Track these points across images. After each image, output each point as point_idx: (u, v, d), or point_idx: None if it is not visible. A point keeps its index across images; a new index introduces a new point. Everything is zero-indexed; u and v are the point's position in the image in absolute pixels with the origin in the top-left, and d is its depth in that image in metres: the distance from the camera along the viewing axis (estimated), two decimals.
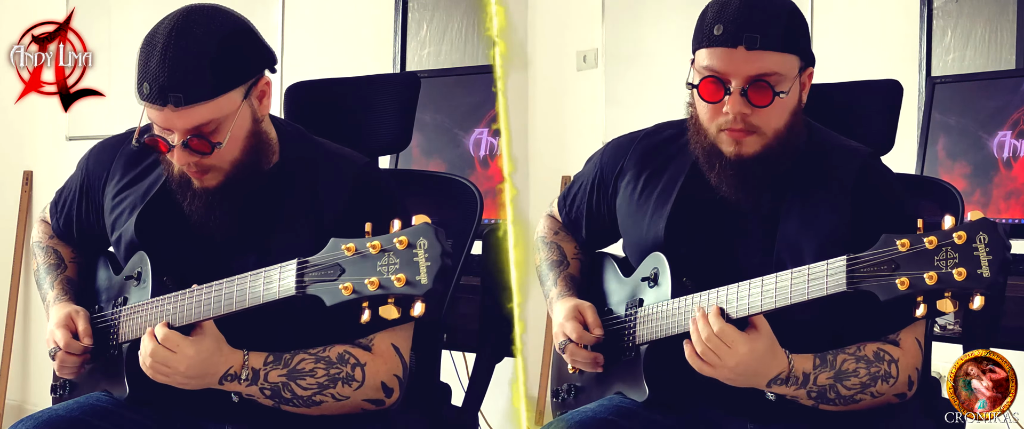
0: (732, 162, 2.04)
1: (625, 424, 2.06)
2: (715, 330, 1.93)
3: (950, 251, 1.73)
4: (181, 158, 1.99)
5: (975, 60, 3.37)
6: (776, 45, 1.99)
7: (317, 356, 2.00)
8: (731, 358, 1.93)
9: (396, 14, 4.18)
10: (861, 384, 1.97)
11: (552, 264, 2.34)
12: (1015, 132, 3.07)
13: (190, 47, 1.94)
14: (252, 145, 2.04)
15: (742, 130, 2.02)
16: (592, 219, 2.32)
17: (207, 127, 1.97)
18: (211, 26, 1.97)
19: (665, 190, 2.16)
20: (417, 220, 1.76)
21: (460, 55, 4.10)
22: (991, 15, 3.36)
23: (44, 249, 2.34)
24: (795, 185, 2.07)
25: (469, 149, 3.67)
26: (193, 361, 1.95)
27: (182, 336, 1.96)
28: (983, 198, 3.10)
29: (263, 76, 2.05)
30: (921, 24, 3.44)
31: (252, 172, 2.05)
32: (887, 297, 1.78)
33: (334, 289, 1.79)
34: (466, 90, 3.73)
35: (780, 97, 1.99)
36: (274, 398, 1.99)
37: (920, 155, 3.23)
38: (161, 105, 1.95)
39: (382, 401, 2.04)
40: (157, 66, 1.94)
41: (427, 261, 1.73)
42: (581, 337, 2.16)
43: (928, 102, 3.25)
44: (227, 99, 1.97)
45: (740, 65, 1.99)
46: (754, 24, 1.99)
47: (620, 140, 2.30)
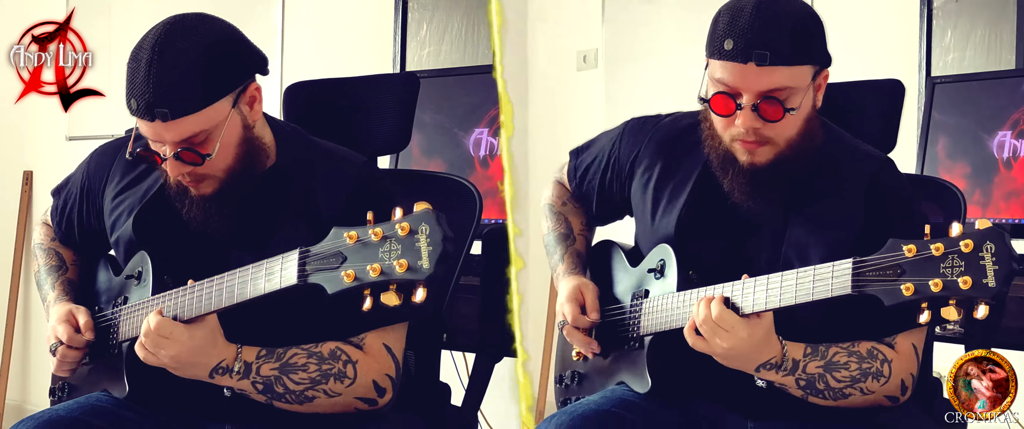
0: (745, 170, 2.05)
1: (627, 416, 2.06)
2: (714, 314, 1.94)
3: (956, 259, 1.73)
4: (174, 169, 2.01)
5: (975, 60, 3.37)
6: (787, 59, 1.98)
7: (309, 351, 2.00)
8: (727, 340, 1.94)
9: (396, 14, 4.18)
10: (851, 378, 1.97)
11: (559, 237, 2.34)
12: (1015, 132, 3.07)
13: (174, 61, 1.95)
14: (245, 151, 2.05)
15: (755, 141, 2.02)
16: (603, 196, 2.32)
17: (197, 138, 1.99)
18: (194, 38, 1.97)
19: (679, 184, 2.16)
20: (419, 207, 1.77)
21: (460, 55, 4.10)
22: (991, 15, 3.35)
23: (46, 251, 2.35)
24: (808, 188, 2.07)
25: (469, 149, 3.67)
26: (185, 347, 1.95)
27: (176, 323, 1.97)
28: (983, 198, 3.10)
29: (252, 82, 2.05)
30: (921, 24, 3.44)
31: (247, 177, 2.06)
32: (892, 302, 1.77)
33: (336, 277, 1.80)
34: (466, 90, 3.74)
35: (791, 113, 1.99)
36: (266, 392, 1.99)
37: (920, 155, 3.23)
38: (149, 120, 1.97)
39: (375, 401, 2.04)
40: (143, 82, 1.96)
41: (429, 246, 1.74)
42: (576, 320, 2.18)
43: (928, 102, 3.25)
44: (214, 109, 1.98)
45: (751, 81, 1.98)
46: (764, 39, 1.97)
47: (640, 122, 2.29)
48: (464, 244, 2.31)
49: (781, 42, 1.97)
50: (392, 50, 4.17)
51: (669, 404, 2.11)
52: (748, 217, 2.10)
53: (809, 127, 2.05)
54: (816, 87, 2.05)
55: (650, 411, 2.09)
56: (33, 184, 4.86)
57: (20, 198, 4.86)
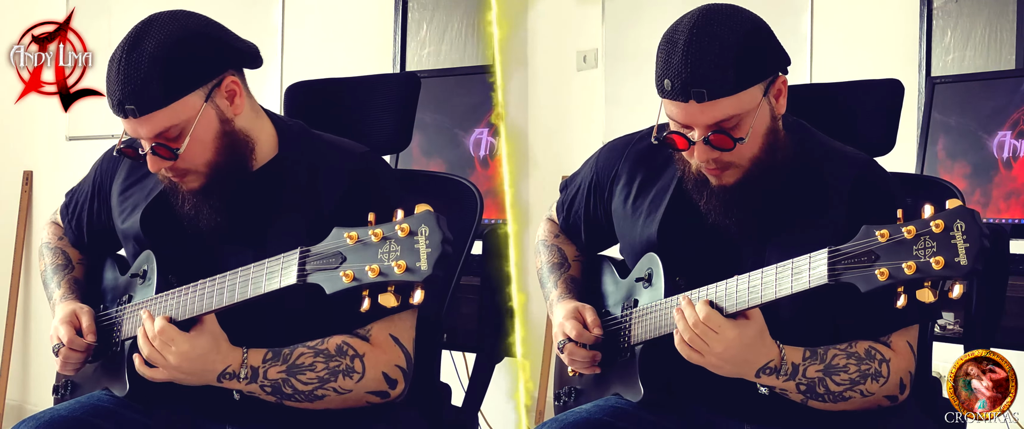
0: (716, 192, 2.05)
1: (620, 424, 2.06)
2: (701, 316, 1.93)
3: (928, 240, 1.72)
4: (152, 164, 2.04)
5: (975, 60, 3.37)
6: (728, 90, 1.95)
7: (316, 350, 2.00)
8: (718, 344, 1.92)
9: (396, 14, 4.18)
10: (850, 381, 1.97)
11: (553, 267, 2.34)
12: (1015, 132, 3.07)
13: (139, 59, 1.98)
14: (225, 145, 2.05)
15: (716, 168, 2.02)
16: (590, 223, 2.32)
17: (169, 133, 2.01)
18: (161, 35, 2.00)
19: (659, 194, 2.16)
20: (419, 209, 1.77)
21: (460, 55, 4.10)
22: (991, 15, 3.36)
23: (53, 250, 2.36)
24: (788, 195, 2.07)
25: (469, 149, 3.67)
26: (188, 357, 1.95)
27: (178, 330, 1.97)
28: (983, 198, 3.11)
29: (227, 76, 2.05)
30: (921, 24, 3.44)
31: (234, 171, 2.07)
32: (868, 288, 1.76)
33: (335, 277, 1.80)
34: (466, 90, 3.74)
35: (740, 142, 1.98)
36: (276, 395, 1.99)
37: (920, 155, 3.23)
38: (122, 116, 2.01)
39: (387, 393, 2.04)
40: (114, 80, 2.00)
41: (428, 248, 1.74)
42: (580, 335, 2.16)
43: (928, 102, 3.25)
44: (183, 104, 2.00)
45: (696, 116, 1.97)
46: (699, 76, 1.94)
47: (615, 144, 2.30)
48: (464, 244, 2.31)
49: (717, 74, 1.95)
50: (392, 50, 4.17)
51: (663, 412, 2.10)
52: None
53: (771, 141, 2.03)
54: (775, 95, 2.03)
55: (643, 419, 2.08)
56: (33, 184, 4.86)
57: (20, 198, 4.86)
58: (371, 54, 4.22)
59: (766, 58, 2.01)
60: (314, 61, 4.28)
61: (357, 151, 2.14)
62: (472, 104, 3.69)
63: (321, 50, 4.30)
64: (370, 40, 4.24)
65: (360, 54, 4.25)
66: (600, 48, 4.20)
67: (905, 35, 3.48)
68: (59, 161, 4.78)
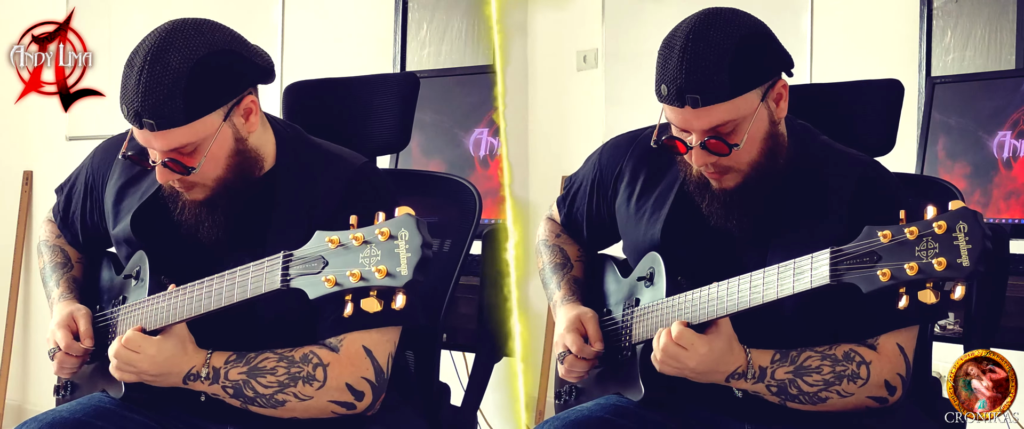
0: (718, 195, 2.06)
1: (621, 423, 2.06)
2: (674, 336, 1.96)
3: (931, 241, 1.72)
4: (162, 176, 2.03)
5: (975, 60, 3.37)
6: (723, 95, 1.96)
7: (281, 355, 2.00)
8: (691, 359, 1.96)
9: (396, 14, 4.18)
10: (824, 382, 1.97)
11: (555, 267, 2.33)
12: (1015, 132, 3.07)
13: (163, 74, 1.95)
14: (236, 162, 2.05)
15: (715, 172, 2.03)
16: (592, 220, 2.32)
17: (185, 149, 1.99)
18: (186, 51, 1.97)
19: (663, 193, 2.16)
20: (400, 212, 1.76)
21: (460, 55, 4.10)
22: (991, 15, 3.36)
23: (51, 248, 2.35)
24: (791, 197, 2.07)
25: (469, 149, 3.68)
26: (155, 360, 1.98)
27: (145, 337, 1.99)
28: (983, 198, 3.11)
29: (246, 95, 2.04)
30: (921, 24, 3.44)
31: (239, 185, 2.06)
32: (869, 289, 1.77)
33: (317, 281, 1.79)
34: (466, 90, 3.74)
35: (735, 148, 1.99)
36: (238, 397, 1.99)
37: (920, 155, 3.23)
38: (138, 127, 1.99)
39: (352, 404, 2.02)
40: (133, 89, 1.97)
41: (408, 252, 1.73)
42: (581, 350, 2.17)
43: (928, 102, 3.25)
44: (203, 123, 1.99)
45: (692, 121, 1.98)
46: (694, 82, 1.95)
47: (618, 140, 2.30)
48: (464, 244, 2.31)
49: (713, 80, 1.95)
50: (392, 50, 4.17)
51: (664, 411, 2.11)
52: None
53: (771, 145, 2.04)
54: (774, 98, 2.03)
55: (644, 417, 2.08)
56: (33, 184, 4.86)
57: (20, 198, 4.86)
58: (371, 54, 4.22)
59: (763, 63, 2.01)
60: (314, 61, 4.28)
61: (355, 162, 2.14)
62: (472, 104, 3.69)
63: (321, 50, 4.30)
64: (370, 40, 4.24)
65: (360, 54, 4.25)
66: (600, 48, 4.20)
67: (905, 35, 3.48)
68: (59, 161, 4.77)
